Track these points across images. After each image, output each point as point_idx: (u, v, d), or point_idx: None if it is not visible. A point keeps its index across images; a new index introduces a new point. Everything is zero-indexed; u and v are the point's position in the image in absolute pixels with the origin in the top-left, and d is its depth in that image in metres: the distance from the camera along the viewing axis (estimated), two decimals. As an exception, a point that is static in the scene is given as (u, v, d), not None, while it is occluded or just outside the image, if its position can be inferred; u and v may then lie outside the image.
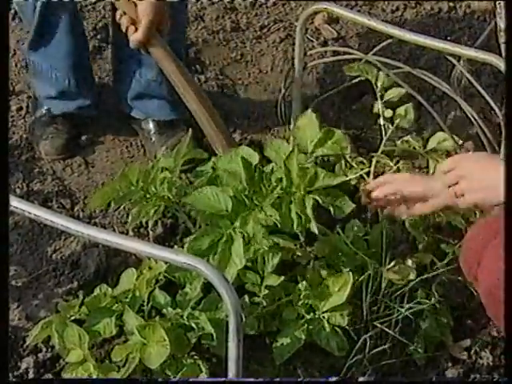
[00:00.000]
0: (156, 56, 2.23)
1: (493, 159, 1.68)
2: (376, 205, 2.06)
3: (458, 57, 2.19)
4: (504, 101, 1.64)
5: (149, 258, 2.03)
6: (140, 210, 2.07)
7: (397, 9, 3.03)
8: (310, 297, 2.00)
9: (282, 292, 2.02)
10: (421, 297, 2.05)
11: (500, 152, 2.10)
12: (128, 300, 1.98)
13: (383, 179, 2.03)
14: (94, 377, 1.86)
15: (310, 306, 2.01)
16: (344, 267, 2.05)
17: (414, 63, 2.70)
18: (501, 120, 2.20)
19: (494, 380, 2.03)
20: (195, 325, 1.91)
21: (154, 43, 2.20)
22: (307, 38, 2.84)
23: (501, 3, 2.14)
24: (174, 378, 1.86)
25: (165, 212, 2.22)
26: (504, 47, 2.13)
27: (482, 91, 2.20)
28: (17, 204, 1.66)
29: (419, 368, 2.05)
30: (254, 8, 3.02)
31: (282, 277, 1.99)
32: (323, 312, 2.00)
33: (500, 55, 2.09)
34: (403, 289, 2.05)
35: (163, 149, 2.45)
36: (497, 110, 2.19)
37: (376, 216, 2.18)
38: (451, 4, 3.04)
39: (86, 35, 2.64)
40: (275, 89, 2.70)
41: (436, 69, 2.65)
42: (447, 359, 2.06)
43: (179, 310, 1.95)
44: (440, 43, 2.15)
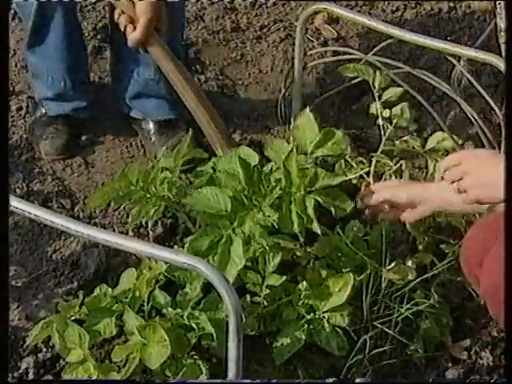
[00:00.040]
0: (154, 55, 2.23)
1: (498, 156, 1.68)
2: (371, 212, 2.10)
3: (458, 57, 2.19)
4: (504, 101, 1.64)
5: (149, 258, 2.03)
6: (140, 210, 2.07)
7: (397, 9, 3.03)
8: (310, 297, 2.00)
9: (283, 292, 2.02)
10: (421, 297, 2.05)
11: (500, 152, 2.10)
12: (128, 300, 1.98)
13: (373, 187, 2.08)
14: (94, 377, 1.86)
15: (311, 306, 2.00)
16: (344, 267, 2.05)
17: (414, 63, 2.70)
18: (501, 120, 2.20)
19: (494, 380, 2.03)
20: (195, 325, 1.91)
21: (153, 42, 2.20)
22: (307, 38, 2.84)
23: (501, 3, 2.15)
24: (173, 380, 1.86)
25: (165, 212, 2.22)
26: (504, 47, 2.14)
27: (482, 91, 2.20)
28: (17, 204, 1.66)
29: (419, 368, 2.05)
30: (254, 8, 3.02)
31: (284, 276, 1.98)
32: (323, 312, 2.00)
33: (500, 55, 2.09)
34: (403, 289, 2.05)
35: (163, 149, 2.45)
36: (497, 110, 2.19)
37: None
38: (451, 4, 3.04)
39: (84, 37, 2.63)
40: (275, 89, 2.70)
41: (436, 69, 2.65)
42: (447, 359, 2.06)
43: (179, 310, 1.95)
44: (440, 43, 2.15)
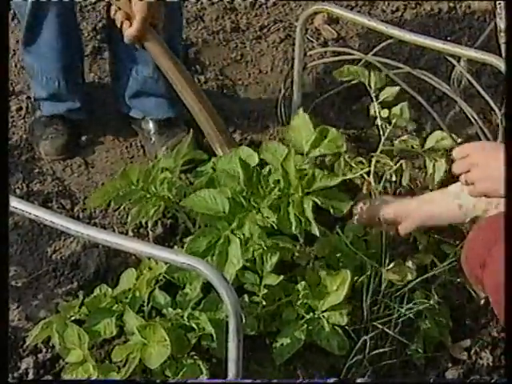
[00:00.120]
0: (152, 51, 2.23)
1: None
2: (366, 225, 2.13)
3: (458, 57, 2.19)
4: (504, 101, 1.64)
5: (149, 259, 2.03)
6: (140, 210, 2.07)
7: (397, 9, 3.03)
8: (309, 297, 2.00)
9: (282, 292, 2.02)
10: (421, 297, 2.05)
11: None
12: (128, 300, 1.97)
13: (363, 203, 2.12)
14: (94, 377, 1.85)
15: (310, 306, 2.00)
16: (344, 268, 2.05)
17: (414, 63, 2.70)
18: (499, 119, 2.20)
19: (494, 381, 2.03)
20: (195, 325, 1.91)
21: (149, 38, 2.20)
22: (307, 39, 2.84)
23: (501, 3, 2.15)
24: (173, 380, 1.86)
25: (165, 212, 2.22)
26: (504, 47, 2.13)
27: (482, 92, 2.20)
28: (17, 204, 1.66)
29: (419, 368, 2.05)
30: (254, 8, 3.02)
31: (281, 276, 1.98)
32: (322, 312, 1.99)
33: (500, 56, 2.09)
34: (403, 289, 2.05)
35: (163, 149, 2.45)
36: (497, 110, 2.19)
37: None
38: (451, 4, 3.04)
39: (84, 37, 2.63)
40: (275, 89, 2.70)
41: (436, 69, 2.65)
42: (447, 360, 2.06)
43: (179, 311, 1.95)
44: (440, 44, 2.15)
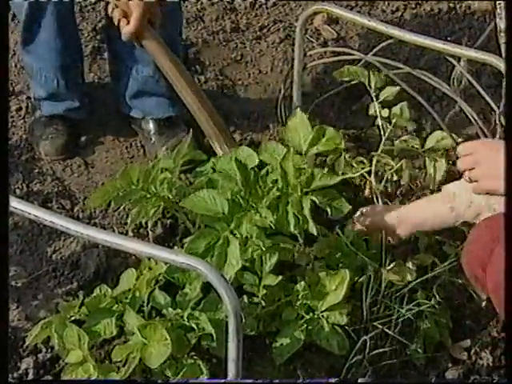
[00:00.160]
0: (149, 49, 2.23)
1: None
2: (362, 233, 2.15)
3: (458, 57, 2.19)
4: (503, 101, 1.64)
5: (148, 259, 2.03)
6: (139, 211, 2.07)
7: (397, 9, 3.03)
8: (309, 297, 2.00)
9: (282, 293, 2.02)
10: (421, 298, 2.05)
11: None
12: (128, 300, 1.97)
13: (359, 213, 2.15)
14: (94, 377, 1.85)
15: (309, 307, 2.00)
16: (344, 268, 2.04)
17: (414, 64, 2.70)
18: (496, 119, 2.20)
19: (494, 381, 2.02)
20: (195, 325, 1.91)
21: (147, 35, 2.20)
22: (307, 39, 2.84)
23: (501, 4, 2.14)
24: (174, 379, 1.85)
25: (164, 212, 2.22)
26: (504, 48, 2.13)
27: (482, 92, 2.20)
28: (16, 204, 1.66)
29: (419, 369, 2.05)
30: (254, 8, 3.02)
31: (280, 276, 1.98)
32: (322, 312, 1.99)
33: (500, 56, 2.09)
34: (403, 290, 2.05)
35: (163, 149, 2.45)
36: (497, 111, 2.19)
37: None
38: (451, 4, 3.04)
39: (84, 37, 2.63)
40: (275, 89, 2.70)
41: (436, 69, 2.65)
42: (447, 360, 2.06)
43: (179, 311, 1.95)
44: (440, 44, 2.15)
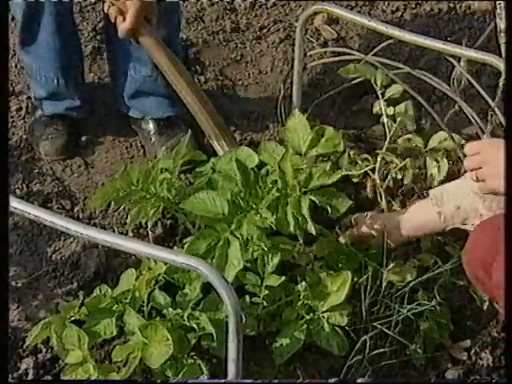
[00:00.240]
0: (146, 45, 2.22)
1: None
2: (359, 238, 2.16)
3: (458, 57, 2.19)
4: (503, 101, 1.64)
5: (148, 259, 2.03)
6: (139, 211, 2.06)
7: (397, 9, 3.02)
8: (309, 297, 2.00)
9: (282, 293, 2.02)
10: (421, 298, 2.05)
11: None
12: (128, 300, 1.98)
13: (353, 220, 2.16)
14: (94, 378, 1.85)
15: (310, 307, 2.00)
16: (344, 268, 2.05)
17: (414, 64, 2.69)
18: (493, 120, 2.20)
19: (494, 381, 2.02)
20: (195, 325, 1.91)
21: (143, 32, 2.19)
22: (307, 39, 2.84)
23: (501, 4, 2.14)
24: (174, 380, 1.85)
25: (164, 213, 2.22)
26: (504, 48, 2.13)
27: (482, 92, 2.20)
28: (16, 205, 1.66)
29: (419, 369, 2.05)
30: (254, 9, 3.02)
31: (283, 277, 1.98)
32: (322, 312, 1.99)
33: (500, 56, 2.09)
34: (403, 290, 2.05)
35: (163, 149, 2.44)
36: (496, 111, 2.19)
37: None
38: (451, 4, 3.03)
39: (84, 37, 2.62)
40: (275, 89, 2.70)
41: (436, 69, 2.65)
42: (447, 360, 2.06)
43: (179, 311, 1.95)
44: (440, 44, 2.15)
